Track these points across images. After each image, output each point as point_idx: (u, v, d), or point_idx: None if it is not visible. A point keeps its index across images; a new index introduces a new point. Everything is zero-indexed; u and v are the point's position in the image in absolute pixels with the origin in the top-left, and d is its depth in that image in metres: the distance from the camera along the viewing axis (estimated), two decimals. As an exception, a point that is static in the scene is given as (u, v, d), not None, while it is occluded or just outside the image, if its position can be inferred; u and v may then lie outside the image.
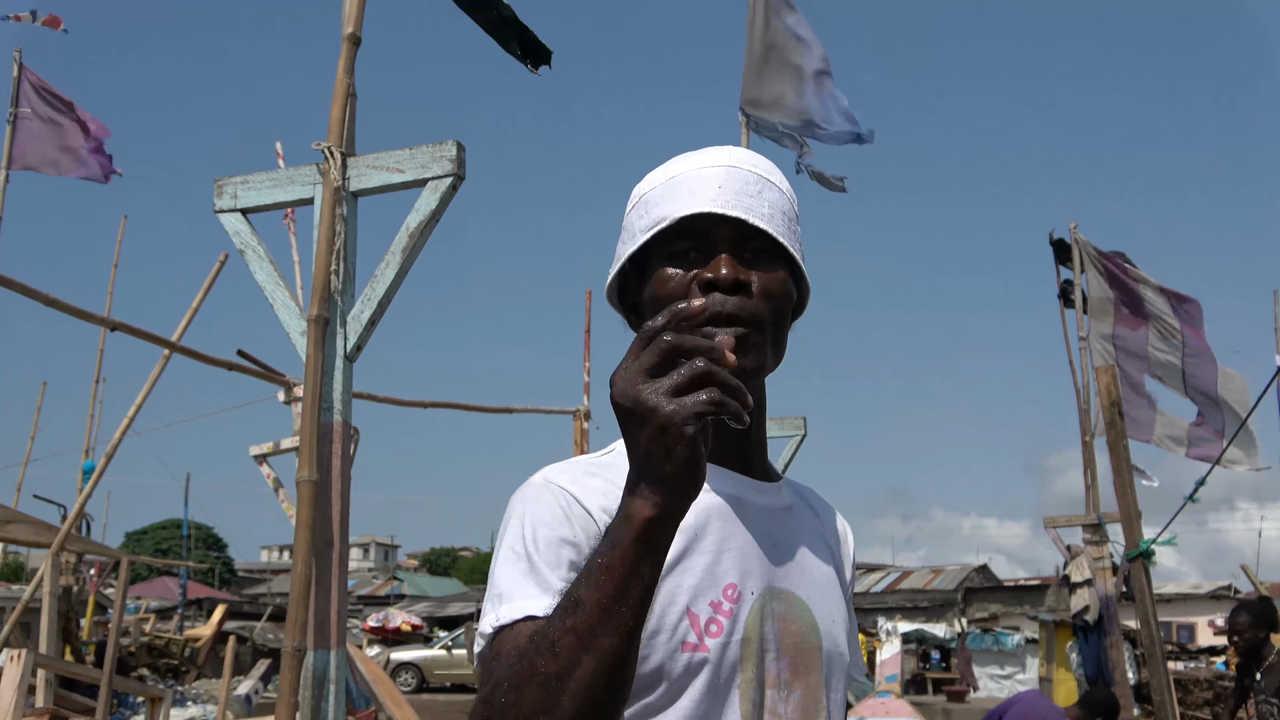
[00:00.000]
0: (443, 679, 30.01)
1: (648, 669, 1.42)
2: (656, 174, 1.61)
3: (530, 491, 1.48)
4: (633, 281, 1.63)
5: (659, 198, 1.57)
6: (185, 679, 17.85)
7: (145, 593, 37.10)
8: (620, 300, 1.68)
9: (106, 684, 6.38)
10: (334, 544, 3.67)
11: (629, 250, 1.58)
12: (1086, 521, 9.68)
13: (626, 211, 1.63)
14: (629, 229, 1.61)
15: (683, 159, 1.61)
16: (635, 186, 1.64)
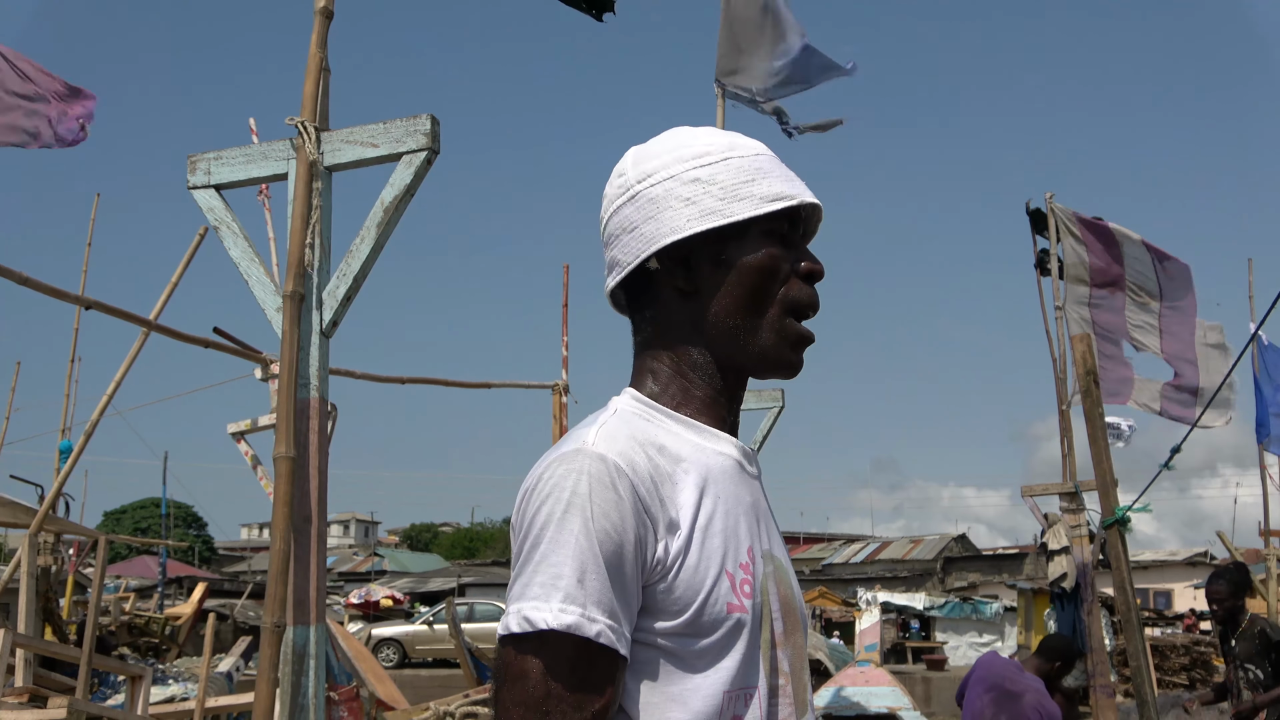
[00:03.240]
0: (424, 654, 30.04)
1: (698, 630, 1.43)
2: (724, 140, 1.61)
3: (597, 473, 1.41)
4: (698, 237, 1.56)
5: (760, 172, 1.58)
6: (166, 657, 17.85)
7: (125, 572, 36.98)
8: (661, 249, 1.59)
9: (86, 663, 6.37)
10: (312, 520, 3.67)
11: (745, 212, 1.54)
12: (1063, 490, 9.71)
13: (701, 162, 1.58)
14: (715, 183, 1.56)
15: (734, 137, 1.62)
16: (689, 139, 1.62)
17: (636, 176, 1.61)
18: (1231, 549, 14.76)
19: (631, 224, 1.59)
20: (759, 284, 1.55)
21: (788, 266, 1.58)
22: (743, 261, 1.55)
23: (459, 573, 53.16)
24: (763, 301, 1.56)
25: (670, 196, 1.56)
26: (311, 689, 3.37)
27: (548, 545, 1.37)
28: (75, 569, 15.95)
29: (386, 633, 30.81)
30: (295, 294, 4.05)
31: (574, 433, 1.51)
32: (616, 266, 1.62)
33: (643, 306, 1.62)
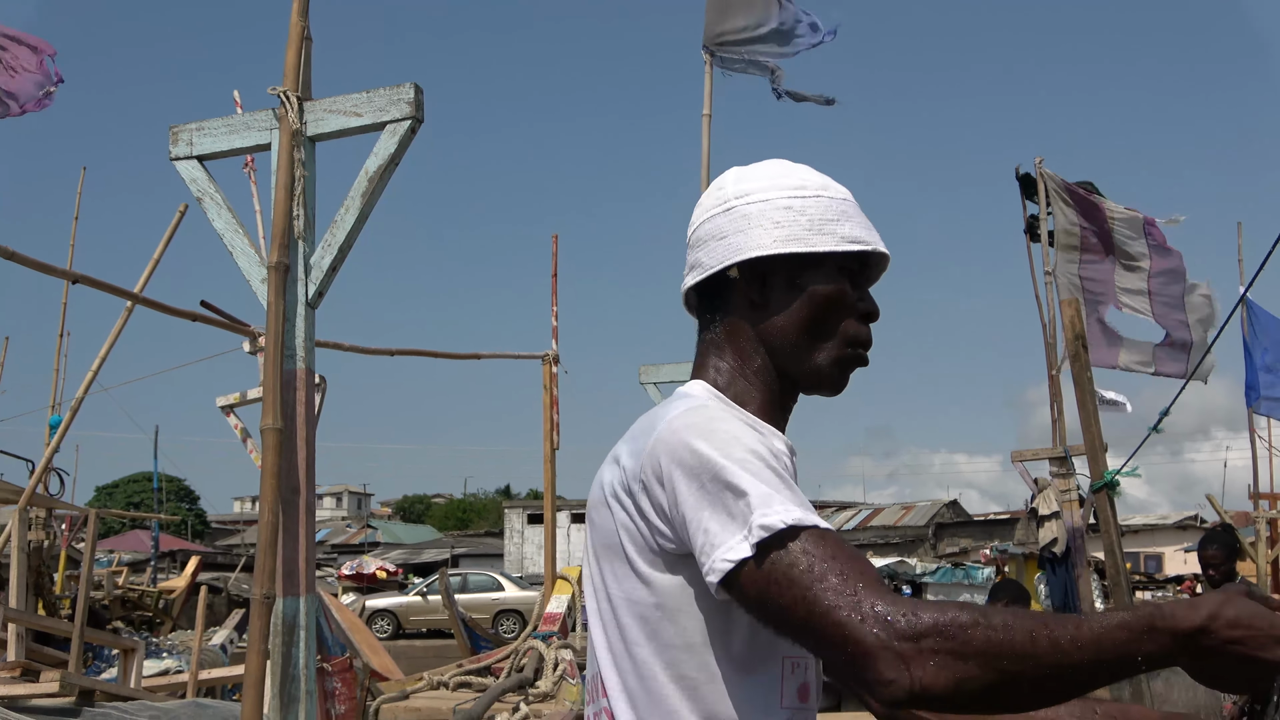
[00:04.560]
0: (418, 625, 30.15)
1: None
2: (819, 180, 1.76)
3: (722, 413, 1.58)
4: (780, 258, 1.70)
5: (844, 214, 1.73)
6: (159, 631, 17.83)
7: (117, 546, 36.97)
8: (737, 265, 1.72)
9: (78, 636, 6.37)
10: (300, 491, 3.66)
11: (826, 246, 1.69)
12: (1053, 454, 9.72)
13: (796, 193, 1.73)
14: (805, 214, 1.70)
15: (828, 180, 1.77)
16: (789, 171, 1.77)
17: (735, 192, 1.75)
18: (1221, 512, 14.81)
19: (722, 233, 1.73)
20: (824, 313, 1.71)
21: (851, 302, 1.73)
22: (814, 289, 1.70)
23: (452, 544, 53.32)
24: (824, 328, 1.71)
25: (763, 216, 1.71)
26: (302, 660, 3.37)
27: (736, 470, 1.45)
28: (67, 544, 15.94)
29: (380, 604, 30.91)
30: (280, 265, 4.03)
31: (675, 403, 1.64)
32: (698, 268, 1.76)
33: (714, 309, 1.77)
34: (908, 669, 1.31)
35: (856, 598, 1.35)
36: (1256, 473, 15.36)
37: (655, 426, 1.56)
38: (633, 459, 1.56)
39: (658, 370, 9.48)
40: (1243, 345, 12.89)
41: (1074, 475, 9.38)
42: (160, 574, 27.04)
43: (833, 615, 1.34)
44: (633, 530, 1.55)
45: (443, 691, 8.83)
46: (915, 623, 1.32)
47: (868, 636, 1.32)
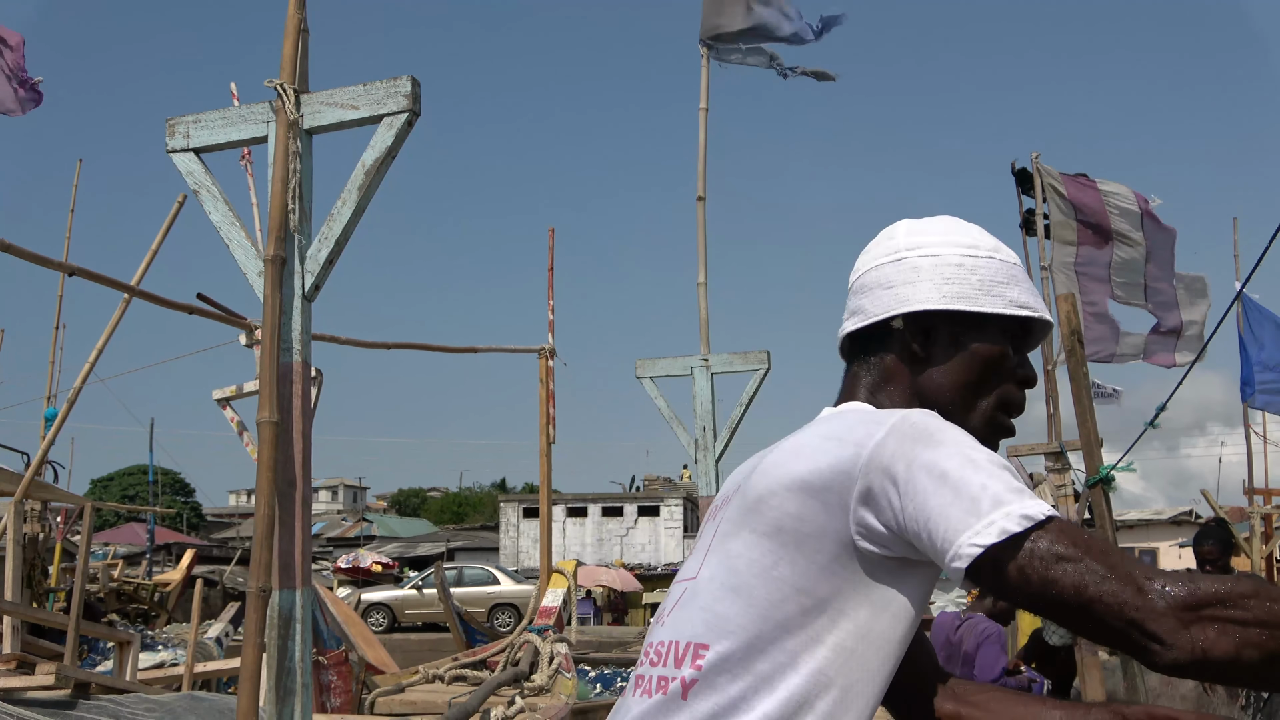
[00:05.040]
0: (414, 618, 30.14)
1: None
2: (992, 241, 1.78)
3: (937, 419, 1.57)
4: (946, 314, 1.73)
5: (1014, 278, 1.76)
6: (155, 624, 17.85)
7: (113, 539, 36.97)
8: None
9: (74, 629, 6.37)
10: (297, 484, 3.65)
11: (994, 308, 1.72)
12: (1048, 449, 9.70)
13: (968, 251, 1.76)
14: (976, 274, 1.74)
15: (999, 243, 1.79)
16: (963, 229, 1.80)
17: (907, 244, 1.77)
18: (1216, 507, 14.82)
19: (890, 283, 1.75)
20: (983, 374, 1.73)
21: (1011, 367, 1.75)
22: (976, 349, 1.73)
23: (448, 537, 53.33)
24: (981, 389, 1.74)
25: (934, 271, 1.73)
26: (298, 653, 3.37)
27: (985, 464, 1.48)
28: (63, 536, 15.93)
29: (376, 597, 30.91)
30: (277, 258, 4.02)
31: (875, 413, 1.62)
32: (861, 314, 1.78)
33: (870, 353, 1.78)
34: (1189, 634, 1.36)
35: (1133, 570, 1.41)
36: (1251, 468, 15.40)
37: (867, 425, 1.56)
38: (847, 450, 1.55)
39: (654, 364, 9.47)
40: (1238, 341, 12.92)
41: (1069, 470, 9.38)
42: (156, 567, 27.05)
43: (1112, 585, 1.40)
44: (827, 524, 1.54)
45: (438, 685, 8.84)
46: (1196, 591, 1.38)
47: (1151, 602, 1.37)
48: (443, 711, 6.22)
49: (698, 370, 9.21)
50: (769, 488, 1.59)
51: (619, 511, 50.90)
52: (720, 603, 1.59)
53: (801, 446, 1.62)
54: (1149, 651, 1.38)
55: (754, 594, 1.56)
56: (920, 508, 1.47)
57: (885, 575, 1.56)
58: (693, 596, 1.65)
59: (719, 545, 1.65)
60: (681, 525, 49.91)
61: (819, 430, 1.64)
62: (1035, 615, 1.54)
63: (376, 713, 8.08)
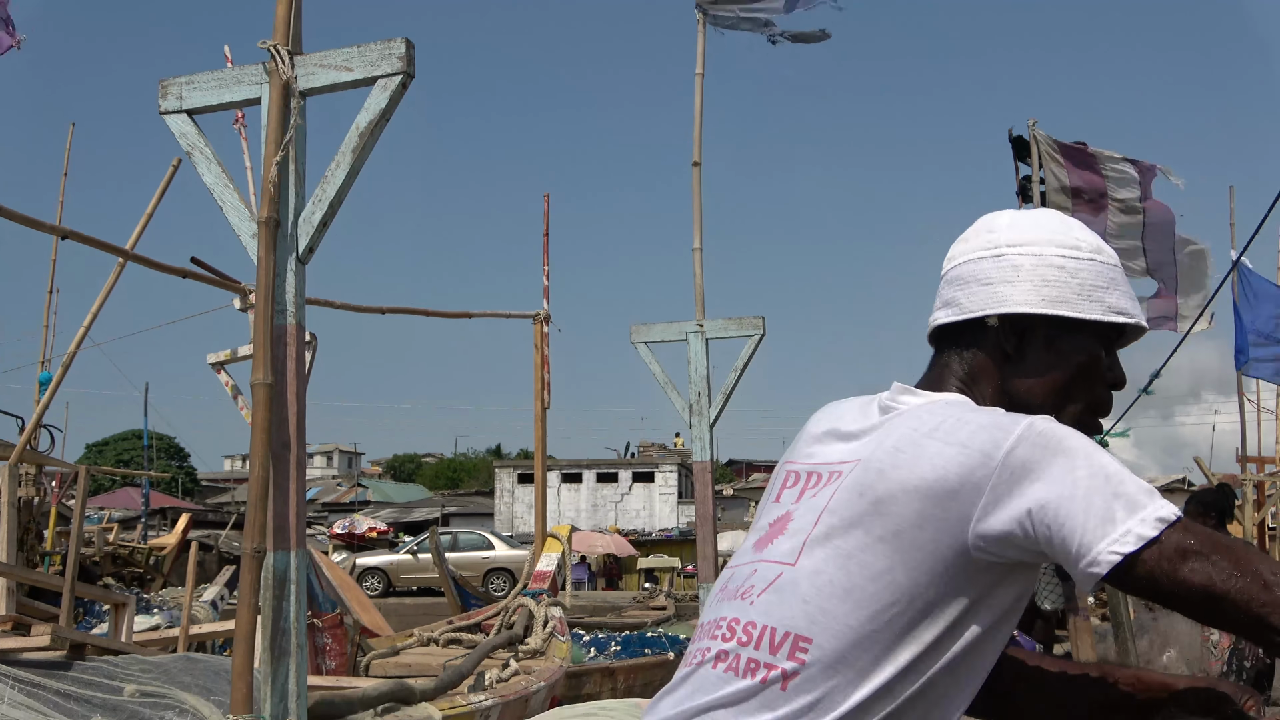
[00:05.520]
0: (409, 583, 30.27)
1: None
2: (1094, 242, 1.76)
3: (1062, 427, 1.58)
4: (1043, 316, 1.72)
5: (1114, 282, 1.74)
6: (150, 587, 17.90)
7: (108, 503, 36.98)
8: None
9: (69, 591, 6.39)
10: (291, 447, 3.66)
11: (1092, 314, 1.71)
12: (1042, 416, 9.79)
13: (1070, 253, 1.73)
14: (1077, 277, 1.72)
15: (1101, 243, 1.78)
16: (1065, 228, 1.77)
17: (1008, 240, 1.75)
18: (1208, 474, 14.90)
19: (988, 278, 1.74)
20: (1076, 378, 1.73)
21: (1102, 371, 1.75)
22: (1071, 354, 1.72)
23: (442, 503, 53.46)
24: (1072, 392, 1.73)
25: (1034, 272, 1.72)
26: (292, 614, 3.39)
27: (1116, 469, 1.51)
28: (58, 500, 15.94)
29: (371, 562, 31.03)
30: (270, 220, 4.01)
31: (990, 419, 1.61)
32: (955, 307, 1.77)
33: (962, 345, 1.77)
34: None
35: (1260, 566, 1.47)
36: (1244, 436, 15.43)
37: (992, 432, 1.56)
38: (974, 458, 1.54)
39: (649, 330, 9.47)
40: (1233, 309, 12.93)
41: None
42: (151, 531, 27.08)
43: (1240, 582, 1.45)
44: (947, 531, 1.55)
45: (433, 648, 8.89)
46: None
47: (1277, 597, 1.43)
48: (437, 674, 6.25)
49: (692, 336, 9.21)
50: (890, 491, 1.58)
51: (614, 477, 51.05)
52: (829, 600, 1.58)
53: (922, 448, 1.60)
54: (1277, 645, 1.47)
55: (866, 596, 1.56)
56: (1055, 517, 1.49)
57: (993, 580, 1.58)
58: (793, 585, 1.63)
59: (826, 539, 1.63)
60: (676, 491, 50.07)
61: (934, 426, 1.62)
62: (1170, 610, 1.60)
63: (371, 675, 8.12)
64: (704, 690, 1.63)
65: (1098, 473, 1.50)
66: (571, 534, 11.68)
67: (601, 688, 9.46)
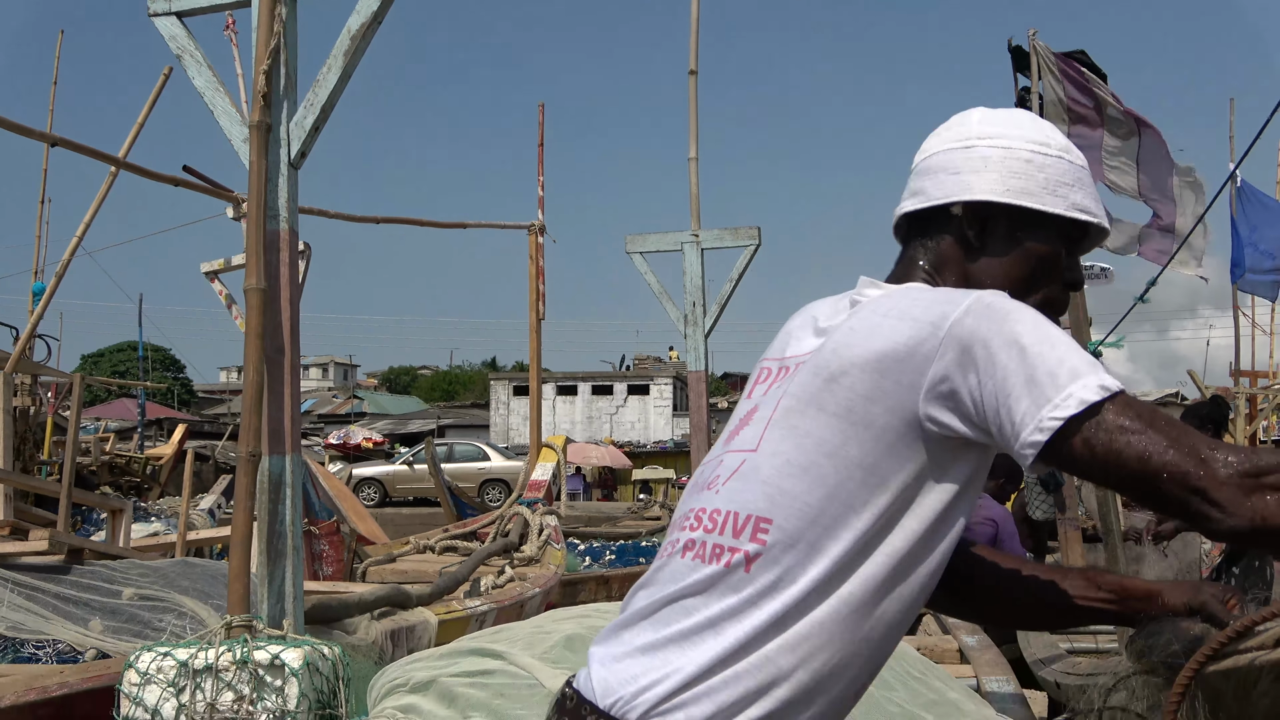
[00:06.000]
0: (405, 493, 30.48)
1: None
2: (1062, 141, 1.78)
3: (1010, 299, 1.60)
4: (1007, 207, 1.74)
5: (1079, 181, 1.77)
6: (147, 496, 18.01)
7: (104, 414, 37.09)
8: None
9: (66, 496, 6.42)
10: (285, 351, 3.66)
11: (1055, 208, 1.73)
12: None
13: (1038, 149, 1.76)
14: (1043, 171, 1.74)
15: (1070, 143, 1.79)
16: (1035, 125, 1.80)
17: (979, 133, 1.77)
18: (1202, 388, 14.94)
19: (956, 168, 1.76)
20: (1035, 272, 1.75)
21: (1061, 268, 1.78)
22: (1032, 247, 1.75)
23: (438, 414, 53.64)
24: (1030, 286, 1.75)
25: (1001, 164, 1.74)
26: (288, 517, 3.41)
27: (1060, 340, 1.53)
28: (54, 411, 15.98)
29: (367, 472, 31.20)
30: (262, 124, 3.97)
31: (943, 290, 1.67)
32: (921, 195, 1.79)
33: (926, 235, 1.80)
34: (1249, 503, 1.41)
35: (1196, 441, 1.46)
36: (1238, 350, 15.48)
37: (942, 305, 1.58)
38: (923, 329, 1.57)
39: (644, 240, 9.43)
40: (1230, 223, 12.89)
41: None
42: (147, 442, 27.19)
43: (1176, 453, 1.45)
44: (898, 403, 1.57)
45: (429, 555, 8.97)
46: (1258, 462, 1.43)
47: (1213, 472, 1.43)
48: (433, 580, 6.31)
49: (688, 246, 9.18)
50: (842, 367, 1.61)
51: (609, 390, 51.18)
52: (787, 480, 1.61)
53: (876, 326, 1.62)
54: (1209, 519, 1.44)
55: (822, 473, 1.59)
56: (1000, 385, 1.51)
57: (948, 455, 1.60)
58: (754, 470, 1.66)
59: (784, 420, 1.66)
60: (671, 404, 50.21)
61: (891, 307, 1.65)
62: (1100, 486, 1.61)
63: (368, 581, 8.19)
64: (674, 580, 1.66)
65: (1042, 342, 1.51)
66: (567, 445, 11.72)
67: (596, 595, 9.56)
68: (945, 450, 1.59)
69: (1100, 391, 1.47)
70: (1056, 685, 3.72)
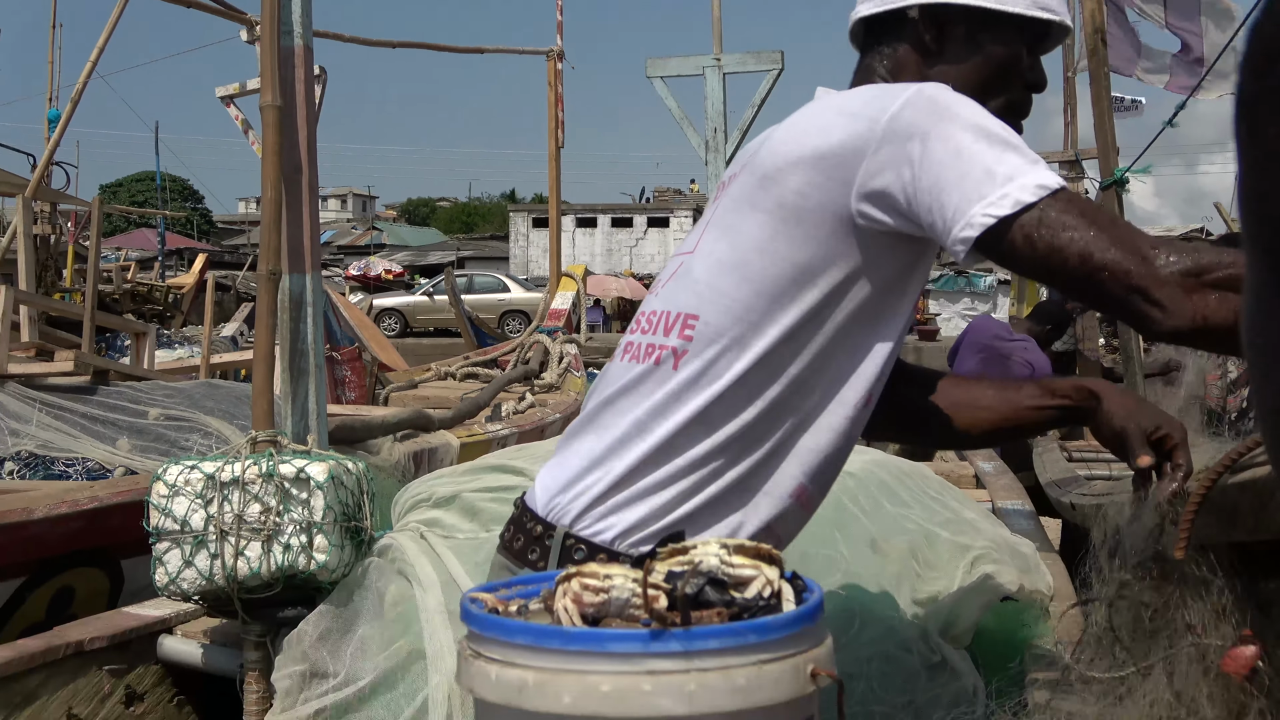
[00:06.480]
0: (425, 324, 30.62)
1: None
2: None
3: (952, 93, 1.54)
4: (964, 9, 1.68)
5: None
6: (170, 325, 18.15)
7: (124, 244, 37.19)
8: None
9: (89, 319, 6.45)
10: (303, 170, 3.61)
11: (1015, 8, 1.67)
12: (1064, 158, 9.64)
13: None
14: None
15: None
16: None
17: None
18: (1228, 220, 14.77)
19: None
20: (995, 74, 1.70)
21: (1023, 70, 1.72)
22: (992, 50, 1.69)
23: (457, 246, 53.63)
24: (989, 90, 1.68)
25: None
26: (309, 335, 3.41)
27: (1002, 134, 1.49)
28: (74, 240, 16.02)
29: (388, 303, 31.30)
30: (274, -66, 3.86)
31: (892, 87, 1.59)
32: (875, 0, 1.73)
33: (882, 42, 1.74)
34: (1190, 301, 1.38)
35: (1138, 239, 1.43)
36: (1266, 181, 15.21)
37: (881, 100, 1.54)
38: (861, 124, 1.53)
39: (665, 64, 9.26)
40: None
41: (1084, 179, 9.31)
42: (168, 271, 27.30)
43: (1117, 253, 1.41)
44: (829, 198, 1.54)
45: (450, 382, 9.03)
46: (1199, 260, 1.40)
47: (1155, 270, 1.40)
48: (454, 406, 6.36)
49: (709, 70, 9.01)
50: (776, 164, 1.58)
51: (628, 222, 50.98)
52: (715, 276, 1.61)
53: (812, 122, 1.59)
54: (1150, 319, 1.41)
55: (750, 268, 1.57)
56: (935, 179, 1.46)
57: (882, 252, 1.56)
58: (688, 270, 1.66)
59: (719, 220, 1.65)
60: (690, 237, 50.02)
61: (830, 104, 1.62)
62: (1040, 283, 1.55)
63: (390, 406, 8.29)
64: (611, 383, 1.69)
65: (981, 137, 1.47)
66: (586, 275, 11.71)
67: (615, 422, 9.62)
68: (879, 247, 1.56)
69: (1037, 191, 1.43)
70: (1071, 506, 3.76)
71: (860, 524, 2.80)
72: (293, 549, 2.74)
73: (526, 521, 1.69)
